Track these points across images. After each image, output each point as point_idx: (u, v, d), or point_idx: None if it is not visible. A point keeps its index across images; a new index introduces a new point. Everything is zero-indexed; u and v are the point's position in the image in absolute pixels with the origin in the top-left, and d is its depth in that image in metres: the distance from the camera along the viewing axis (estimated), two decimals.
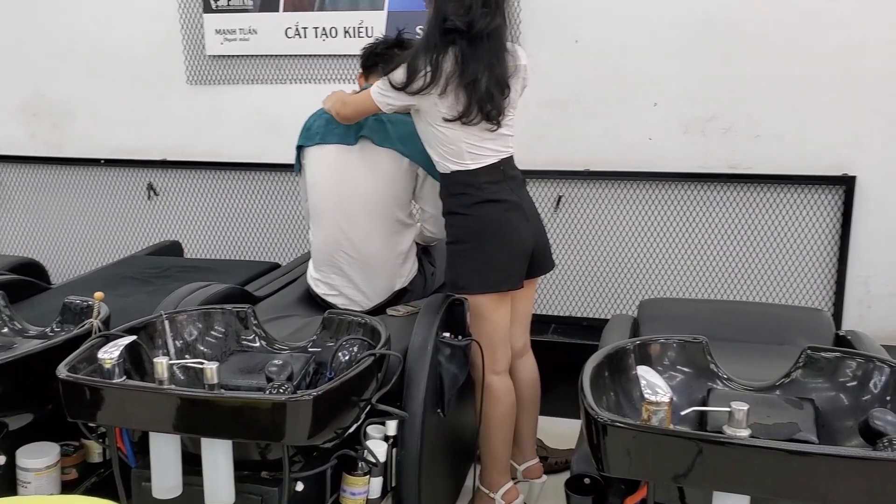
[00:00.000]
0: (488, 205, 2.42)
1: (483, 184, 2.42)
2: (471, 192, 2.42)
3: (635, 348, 1.90)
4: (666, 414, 1.51)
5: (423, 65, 2.31)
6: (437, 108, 2.36)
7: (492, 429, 2.59)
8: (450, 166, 2.44)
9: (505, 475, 2.66)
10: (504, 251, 2.45)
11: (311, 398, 1.72)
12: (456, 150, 2.40)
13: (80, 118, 4.23)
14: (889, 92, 3.25)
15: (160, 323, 2.14)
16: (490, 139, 2.42)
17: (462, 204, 2.44)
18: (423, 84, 2.32)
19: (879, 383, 1.77)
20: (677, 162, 3.50)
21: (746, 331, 2.39)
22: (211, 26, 3.89)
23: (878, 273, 3.41)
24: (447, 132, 2.39)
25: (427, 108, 2.39)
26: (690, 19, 3.38)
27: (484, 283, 2.46)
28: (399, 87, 2.35)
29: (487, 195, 2.42)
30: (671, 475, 1.49)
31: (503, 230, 2.44)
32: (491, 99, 2.34)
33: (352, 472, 2.08)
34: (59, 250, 4.41)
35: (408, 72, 2.33)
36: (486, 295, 2.47)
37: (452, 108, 2.35)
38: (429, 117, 2.40)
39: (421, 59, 2.32)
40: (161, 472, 1.83)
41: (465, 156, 2.41)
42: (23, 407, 2.11)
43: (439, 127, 2.39)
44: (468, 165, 2.42)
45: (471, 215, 2.44)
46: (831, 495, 1.42)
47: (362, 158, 2.69)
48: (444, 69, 2.31)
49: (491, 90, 2.33)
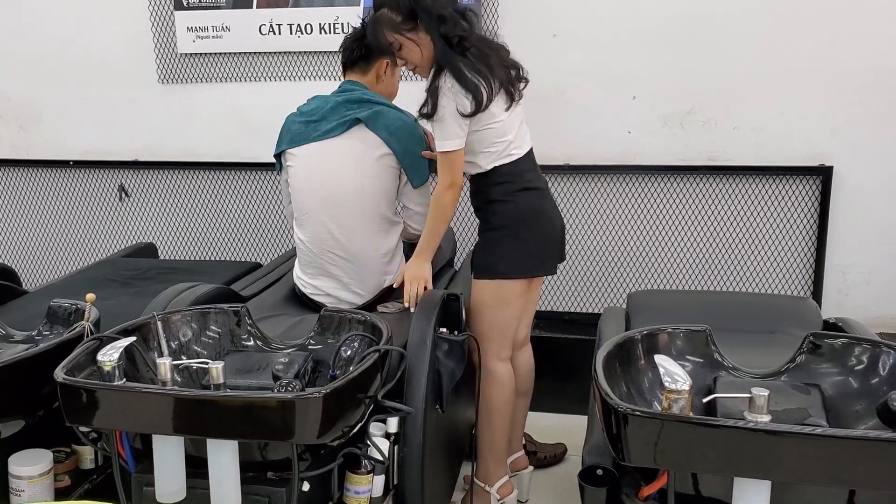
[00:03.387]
0: (528, 192, 2.50)
1: (522, 172, 2.50)
2: (514, 180, 2.48)
3: (643, 338, 1.90)
4: (686, 402, 1.51)
5: (477, 79, 2.34)
6: (492, 107, 2.39)
7: (493, 416, 2.61)
8: (496, 164, 2.47)
9: (501, 468, 2.68)
10: (542, 237, 2.53)
11: (320, 396, 1.69)
12: (505, 144, 2.45)
13: (47, 120, 4.12)
14: (865, 84, 3.31)
15: (154, 324, 2.10)
16: (523, 126, 2.54)
17: (504, 192, 2.48)
18: (489, 94, 2.35)
19: (887, 366, 1.79)
20: (657, 155, 3.52)
21: (737, 320, 2.39)
22: (182, 24, 3.82)
23: (856, 261, 3.46)
24: (500, 126, 2.43)
25: (490, 109, 2.40)
26: (668, 14, 3.40)
27: (523, 268, 2.52)
28: (473, 111, 2.35)
29: (526, 183, 2.50)
30: (694, 463, 1.49)
31: (541, 216, 2.52)
32: (510, 80, 2.46)
33: (355, 471, 2.05)
34: (29, 255, 4.30)
35: (474, 95, 2.33)
36: (518, 281, 2.53)
37: (505, 95, 2.43)
38: (484, 118, 2.40)
39: (468, 77, 2.33)
40: (165, 476, 1.79)
41: (511, 147, 2.47)
42: (14, 413, 2.04)
43: (494, 124, 2.42)
44: (513, 157, 2.48)
45: (512, 202, 2.49)
46: (853, 478, 1.44)
47: (349, 152, 2.67)
48: (481, 71, 2.36)
49: (509, 72, 2.46)
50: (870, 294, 3.49)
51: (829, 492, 1.53)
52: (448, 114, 2.34)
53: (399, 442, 2.17)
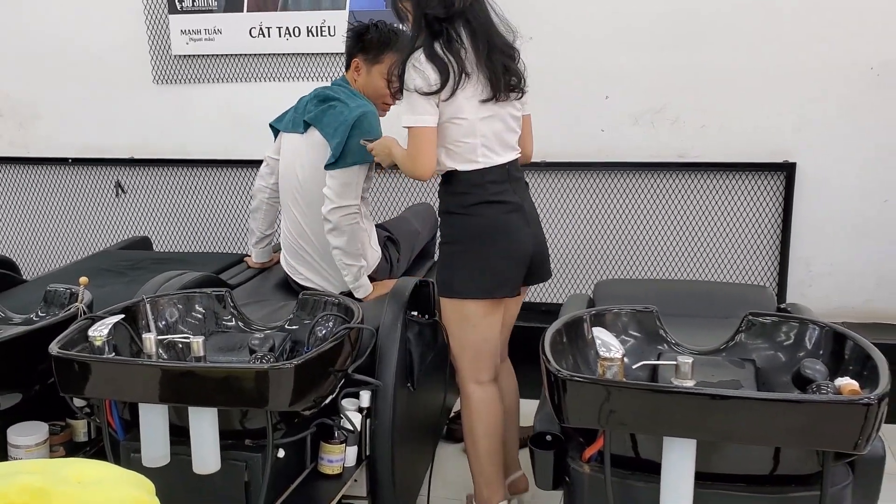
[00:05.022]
0: (489, 206, 2.30)
1: (487, 183, 2.30)
2: (474, 191, 2.30)
3: (590, 317, 2.05)
4: (619, 369, 1.67)
5: (448, 60, 2.20)
6: (466, 95, 2.24)
7: (476, 440, 2.46)
8: (457, 166, 2.30)
9: (497, 491, 2.50)
10: (502, 255, 2.32)
11: (292, 367, 1.84)
12: (469, 147, 2.28)
13: (45, 118, 4.30)
14: (826, 83, 3.46)
15: (143, 306, 2.25)
16: (505, 134, 2.33)
17: (461, 203, 2.32)
18: (454, 81, 2.20)
19: (812, 341, 1.95)
20: (629, 151, 3.68)
21: (695, 306, 2.52)
22: (176, 27, 3.99)
23: (819, 253, 3.62)
24: (466, 124, 2.26)
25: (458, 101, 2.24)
26: (639, 17, 3.56)
27: (479, 288, 2.32)
28: (433, 89, 2.20)
29: (489, 196, 2.30)
30: (624, 423, 1.65)
31: (502, 233, 2.31)
32: (507, 69, 2.27)
33: (329, 441, 2.21)
34: (29, 248, 4.47)
35: (437, 67, 2.19)
36: (479, 301, 2.34)
37: (484, 88, 2.25)
38: (450, 110, 2.25)
39: (437, 56, 2.20)
40: (150, 443, 1.93)
41: (479, 152, 2.29)
42: (12, 387, 2.20)
43: (458, 120, 2.25)
44: (478, 164, 2.29)
45: (469, 215, 2.31)
46: (767, 436, 1.59)
47: (309, 147, 2.78)
48: (457, 52, 2.21)
49: (503, 61, 2.26)
50: (832, 284, 3.64)
51: (750, 449, 1.69)
52: (411, 88, 2.21)
53: (371, 415, 2.33)
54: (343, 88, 2.83)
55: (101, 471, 1.24)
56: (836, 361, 1.87)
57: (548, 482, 1.93)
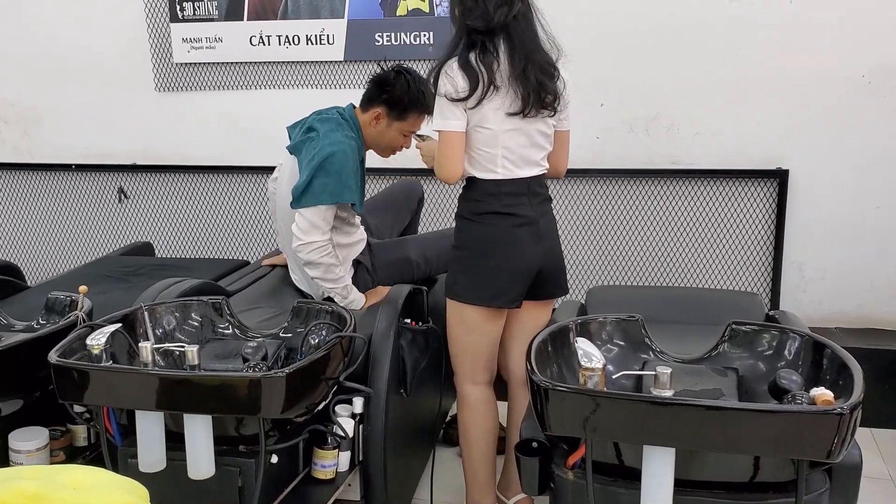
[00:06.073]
0: (499, 216, 2.35)
1: (503, 194, 2.34)
2: (487, 200, 2.35)
3: (576, 326, 2.09)
4: (600, 378, 1.71)
5: (476, 66, 2.25)
6: (493, 106, 2.28)
7: (470, 441, 2.55)
8: (476, 174, 2.35)
9: (486, 496, 2.58)
10: (502, 267, 2.37)
11: (283, 375, 1.89)
12: (490, 156, 2.32)
13: (49, 124, 4.36)
14: (818, 90, 3.50)
15: (140, 314, 2.31)
16: (528, 149, 2.35)
17: (473, 210, 2.38)
18: (484, 85, 2.24)
19: (792, 351, 1.99)
20: (623, 158, 3.72)
21: (685, 313, 2.56)
22: (178, 35, 4.05)
23: (811, 259, 3.66)
24: (489, 134, 2.30)
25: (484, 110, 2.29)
26: (633, 26, 3.61)
27: (478, 294, 2.39)
28: (460, 96, 2.26)
29: (501, 207, 2.34)
30: (604, 431, 1.69)
31: (507, 245, 2.36)
32: (543, 87, 2.29)
33: (322, 447, 2.26)
34: (31, 254, 4.54)
35: (468, 75, 2.25)
36: (477, 307, 2.41)
37: (514, 102, 2.28)
38: (476, 118, 2.30)
39: (469, 64, 2.25)
40: (146, 448, 1.98)
41: (499, 163, 2.33)
42: (14, 393, 2.26)
43: (482, 129, 2.30)
44: (497, 174, 2.34)
45: (478, 223, 2.37)
46: (742, 445, 1.63)
47: (291, 174, 2.78)
48: (489, 64, 2.25)
49: (539, 78, 2.27)
50: (825, 290, 3.68)
51: (729, 457, 1.73)
52: (441, 93, 2.28)
53: (364, 421, 2.38)
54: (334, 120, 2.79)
55: (96, 476, 1.30)
56: (816, 370, 1.91)
57: (534, 488, 1.97)
